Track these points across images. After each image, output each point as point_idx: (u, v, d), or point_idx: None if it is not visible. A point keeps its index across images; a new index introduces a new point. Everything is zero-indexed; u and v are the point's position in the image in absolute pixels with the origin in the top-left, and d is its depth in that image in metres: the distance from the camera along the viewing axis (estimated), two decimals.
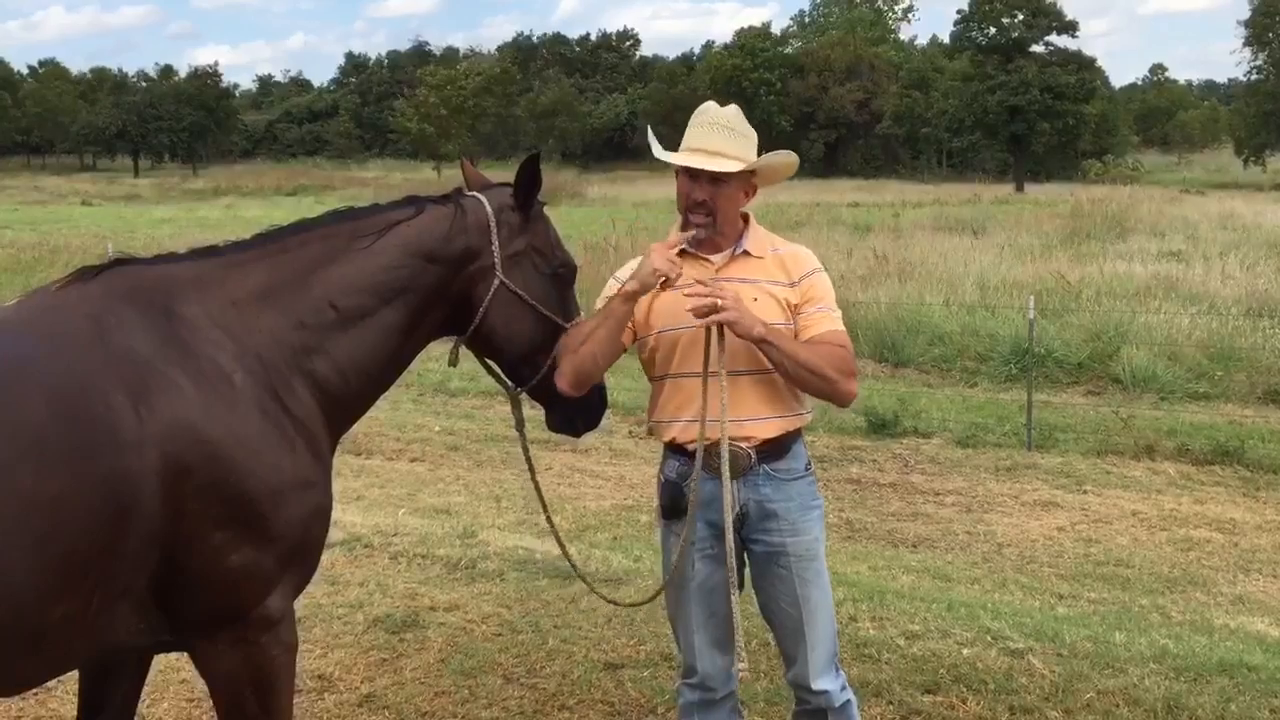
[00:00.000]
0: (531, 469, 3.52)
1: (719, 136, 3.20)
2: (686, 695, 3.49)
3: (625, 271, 3.37)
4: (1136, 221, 27.84)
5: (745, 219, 3.35)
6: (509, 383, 3.28)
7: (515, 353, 3.17)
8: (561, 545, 3.66)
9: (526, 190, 3.11)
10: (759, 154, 3.27)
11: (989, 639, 5.15)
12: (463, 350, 3.28)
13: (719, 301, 3.02)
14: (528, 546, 6.58)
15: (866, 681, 4.60)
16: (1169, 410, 11.14)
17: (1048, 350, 12.49)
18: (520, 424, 3.37)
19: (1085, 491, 8.77)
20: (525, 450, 3.46)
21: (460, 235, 3.03)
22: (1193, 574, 6.89)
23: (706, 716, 3.48)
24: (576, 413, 3.26)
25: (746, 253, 3.29)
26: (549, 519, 3.61)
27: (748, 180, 3.28)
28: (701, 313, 3.04)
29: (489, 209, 3.08)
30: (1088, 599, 6.36)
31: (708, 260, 3.28)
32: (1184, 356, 12.44)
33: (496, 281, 3.05)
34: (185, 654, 2.81)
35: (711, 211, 3.21)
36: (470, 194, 3.15)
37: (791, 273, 3.29)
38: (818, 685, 3.35)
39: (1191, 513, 8.21)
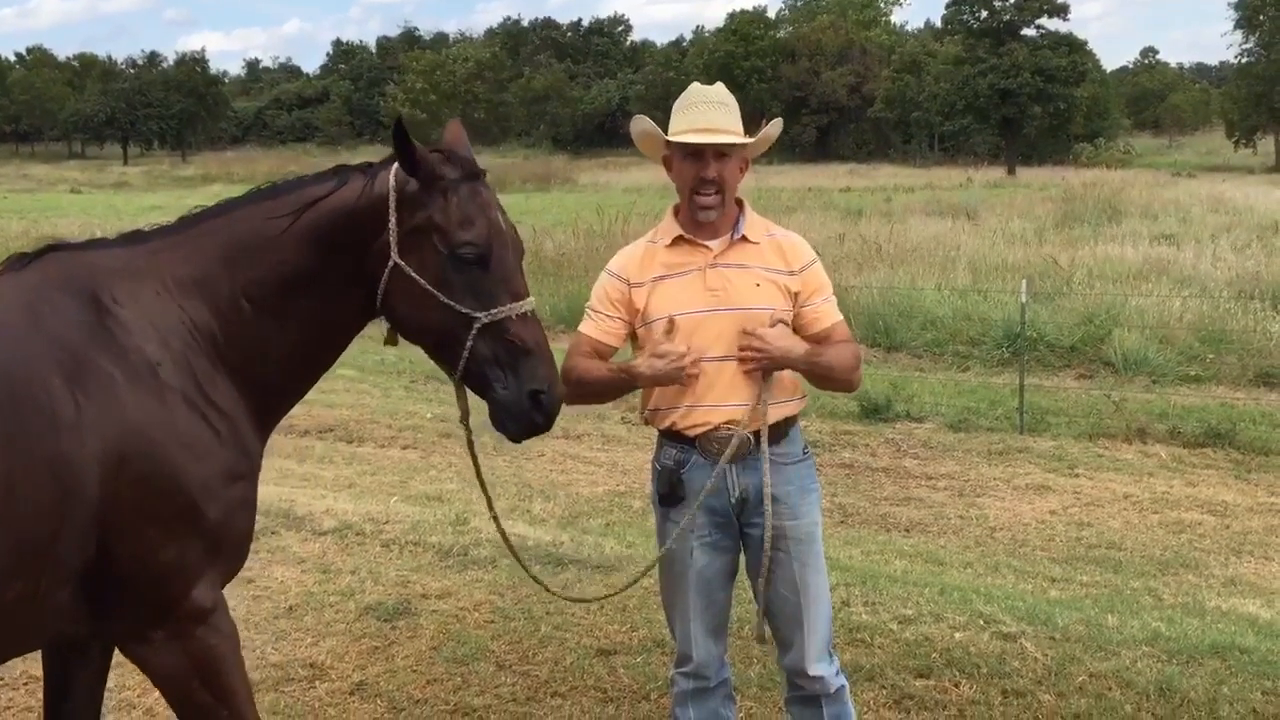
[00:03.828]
0: (475, 461, 3.31)
1: (715, 113, 3.23)
2: (680, 684, 3.49)
3: (616, 264, 3.37)
4: (1128, 205, 27.85)
5: (740, 204, 3.35)
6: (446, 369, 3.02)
7: (423, 341, 2.94)
8: (504, 537, 3.57)
9: (406, 156, 2.78)
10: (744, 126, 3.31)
11: (981, 623, 5.15)
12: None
13: (761, 353, 3.09)
14: (519, 534, 6.56)
15: (859, 666, 4.61)
16: (1160, 393, 11.16)
17: (1040, 334, 12.50)
18: (464, 415, 3.12)
19: (1077, 475, 8.78)
20: (470, 444, 3.23)
21: (366, 210, 2.81)
22: (1184, 556, 6.90)
23: (700, 704, 3.48)
24: (504, 412, 2.90)
25: (744, 238, 3.31)
26: (491, 507, 3.48)
27: (743, 154, 3.31)
28: (755, 367, 3.13)
29: (392, 180, 2.81)
30: (1080, 582, 6.37)
31: (706, 246, 3.29)
32: (1175, 339, 12.45)
33: (391, 262, 2.80)
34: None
35: (720, 188, 3.23)
36: (389, 163, 2.88)
37: (791, 261, 3.32)
38: (814, 670, 3.36)
39: (1183, 495, 8.22)
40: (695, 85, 3.37)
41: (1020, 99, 69.20)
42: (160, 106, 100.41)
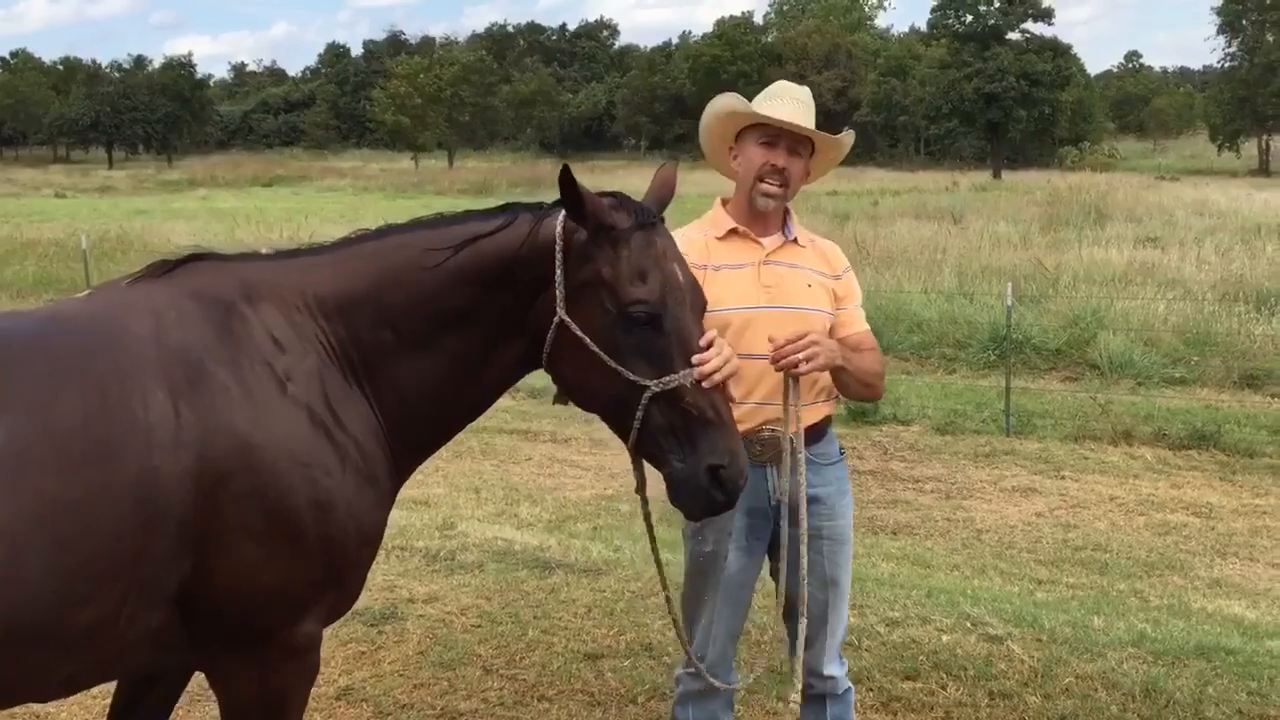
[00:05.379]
0: (653, 539, 3.08)
1: (801, 110, 3.28)
2: (687, 683, 3.50)
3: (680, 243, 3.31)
4: (1113, 208, 28.01)
5: (786, 210, 3.41)
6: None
7: (589, 405, 2.73)
8: (679, 630, 3.35)
9: (573, 204, 2.56)
10: None
11: (968, 625, 5.16)
12: None
13: (802, 354, 2.99)
14: (507, 538, 6.56)
15: (847, 669, 4.60)
16: (1146, 395, 11.21)
17: (1026, 337, 12.55)
18: (641, 485, 2.89)
19: (1063, 477, 8.81)
20: (647, 518, 3.03)
21: (530, 258, 2.61)
22: (1170, 558, 6.93)
23: (701, 706, 3.50)
24: (680, 489, 2.62)
25: (795, 240, 3.37)
26: (668, 598, 3.28)
27: (808, 161, 3.36)
28: (791, 367, 3.02)
29: (559, 229, 2.60)
30: (1066, 584, 6.39)
31: (758, 242, 3.33)
32: (1160, 342, 12.52)
33: (557, 318, 2.59)
34: None
35: (785, 181, 3.27)
36: (559, 207, 2.66)
37: (834, 266, 3.40)
38: (829, 671, 3.43)
39: (1168, 497, 8.26)
40: (783, 81, 3.41)
41: (1005, 103, 69.43)
42: (145, 110, 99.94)
